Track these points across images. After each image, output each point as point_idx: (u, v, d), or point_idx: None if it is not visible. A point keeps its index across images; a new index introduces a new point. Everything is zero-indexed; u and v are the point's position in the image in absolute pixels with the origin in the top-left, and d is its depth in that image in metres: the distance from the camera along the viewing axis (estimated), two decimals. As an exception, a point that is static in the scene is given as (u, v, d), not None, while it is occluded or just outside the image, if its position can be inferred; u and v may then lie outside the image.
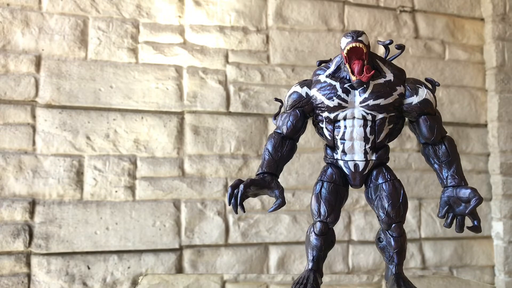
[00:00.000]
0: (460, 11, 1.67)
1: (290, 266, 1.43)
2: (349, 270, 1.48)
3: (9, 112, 1.27)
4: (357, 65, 0.64)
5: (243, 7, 1.48)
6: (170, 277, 1.12)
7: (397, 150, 1.54)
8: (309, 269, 0.69)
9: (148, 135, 1.36)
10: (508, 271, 1.56)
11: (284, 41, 1.50)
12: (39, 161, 1.28)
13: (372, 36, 1.56)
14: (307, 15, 1.53)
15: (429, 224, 1.55)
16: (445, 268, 1.56)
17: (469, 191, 0.64)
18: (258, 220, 1.41)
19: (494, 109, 1.62)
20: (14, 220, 1.24)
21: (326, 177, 0.70)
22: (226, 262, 1.38)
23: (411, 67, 1.59)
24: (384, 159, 0.70)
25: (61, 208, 1.28)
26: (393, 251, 0.69)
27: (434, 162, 0.69)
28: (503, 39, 1.64)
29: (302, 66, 1.50)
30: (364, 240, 1.49)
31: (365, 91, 0.66)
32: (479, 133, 1.64)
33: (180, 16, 1.43)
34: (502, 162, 1.58)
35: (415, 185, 1.55)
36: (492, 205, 1.61)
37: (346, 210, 1.48)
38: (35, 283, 1.24)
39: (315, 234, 0.69)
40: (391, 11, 1.61)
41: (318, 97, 0.68)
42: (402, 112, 0.68)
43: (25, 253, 1.24)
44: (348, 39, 0.64)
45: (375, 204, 0.69)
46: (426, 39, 1.62)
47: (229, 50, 1.45)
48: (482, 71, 1.67)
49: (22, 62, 1.29)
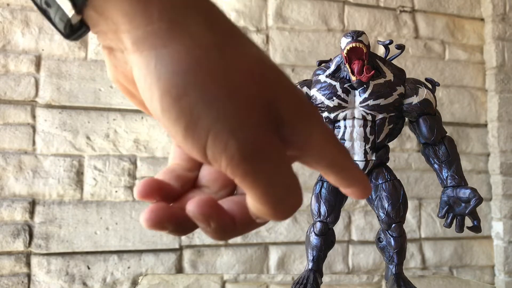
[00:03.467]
0: (460, 11, 1.67)
1: (290, 266, 1.43)
2: (349, 270, 1.48)
3: (9, 112, 1.27)
4: (357, 65, 0.64)
5: (243, 7, 1.48)
6: (170, 277, 1.12)
7: (397, 150, 1.54)
8: (309, 269, 0.69)
9: (148, 135, 1.36)
10: (508, 271, 1.56)
11: (284, 41, 1.50)
12: (39, 161, 1.28)
13: (372, 36, 1.56)
14: (307, 15, 1.53)
15: (429, 224, 1.55)
16: (445, 268, 1.56)
17: (469, 191, 0.64)
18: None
19: (494, 109, 1.62)
20: (14, 220, 1.24)
21: (326, 177, 0.70)
22: (226, 262, 1.38)
23: (411, 67, 1.59)
24: (384, 159, 0.70)
25: (61, 208, 1.28)
26: (393, 251, 0.69)
27: (434, 162, 0.69)
28: (503, 39, 1.64)
29: (302, 66, 1.50)
30: (364, 240, 1.49)
31: (365, 91, 0.66)
32: (479, 133, 1.64)
33: (180, 16, 1.43)
34: (502, 162, 1.58)
35: (415, 185, 1.55)
36: (492, 205, 1.61)
37: (346, 210, 1.48)
38: (35, 283, 1.24)
39: (315, 234, 0.69)
40: (391, 11, 1.61)
41: (318, 97, 0.68)
42: (402, 112, 0.69)
43: (25, 253, 1.24)
44: (348, 39, 0.64)
45: (375, 204, 0.69)
46: (426, 39, 1.62)
47: (229, 50, 1.45)
48: (482, 71, 1.67)
49: (22, 62, 1.29)
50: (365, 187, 0.27)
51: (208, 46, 0.21)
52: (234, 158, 0.20)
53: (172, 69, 0.20)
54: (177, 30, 0.20)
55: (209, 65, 0.20)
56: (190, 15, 0.21)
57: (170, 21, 0.20)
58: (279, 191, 0.22)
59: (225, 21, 0.22)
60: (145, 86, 0.21)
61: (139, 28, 0.20)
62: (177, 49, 0.20)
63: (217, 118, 0.20)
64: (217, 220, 0.22)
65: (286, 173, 0.22)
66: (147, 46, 0.20)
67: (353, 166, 0.26)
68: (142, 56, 0.20)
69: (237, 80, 0.21)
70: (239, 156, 0.20)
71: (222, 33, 0.21)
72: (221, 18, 0.22)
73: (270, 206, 0.22)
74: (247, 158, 0.20)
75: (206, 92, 0.20)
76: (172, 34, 0.20)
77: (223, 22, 0.22)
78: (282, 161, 0.22)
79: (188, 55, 0.20)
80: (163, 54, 0.20)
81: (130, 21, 0.20)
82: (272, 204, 0.22)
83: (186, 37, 0.20)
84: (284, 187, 0.22)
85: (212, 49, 0.21)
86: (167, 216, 0.23)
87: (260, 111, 0.21)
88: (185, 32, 0.20)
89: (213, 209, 0.22)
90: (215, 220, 0.22)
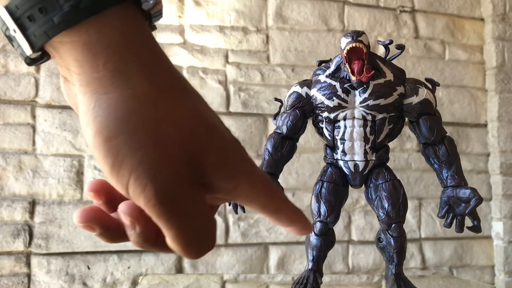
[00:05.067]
0: (460, 11, 1.67)
1: (290, 266, 1.43)
2: (349, 270, 1.48)
3: (9, 112, 1.27)
4: (357, 65, 0.64)
5: (243, 7, 1.48)
6: (170, 277, 1.12)
7: (397, 150, 1.54)
8: (309, 269, 0.69)
9: (148, 135, 1.36)
10: (508, 271, 1.56)
11: (284, 41, 1.50)
12: (39, 161, 1.28)
13: (372, 36, 1.55)
14: (307, 15, 1.53)
15: (429, 224, 1.55)
16: (445, 268, 1.56)
17: (469, 191, 0.64)
18: (258, 220, 1.41)
19: (494, 109, 1.62)
20: (14, 220, 1.24)
21: (326, 177, 0.70)
22: (226, 262, 1.38)
23: (411, 67, 1.59)
24: (384, 159, 0.70)
25: (61, 208, 1.28)
26: (393, 251, 0.69)
27: (434, 162, 0.69)
28: (503, 39, 1.64)
29: (302, 66, 1.50)
30: (364, 240, 1.49)
31: (365, 91, 0.66)
32: (479, 133, 1.64)
33: (180, 16, 1.43)
34: (502, 162, 1.58)
35: (415, 185, 1.55)
36: (492, 205, 1.61)
37: (346, 210, 1.48)
38: (35, 283, 1.24)
39: (315, 234, 0.69)
40: (391, 11, 1.61)
41: (318, 97, 0.68)
42: (402, 112, 0.68)
43: (25, 253, 1.24)
44: (348, 39, 0.64)
45: (375, 204, 0.69)
46: (426, 39, 1.62)
47: (229, 50, 1.45)
48: (482, 71, 1.67)
49: (22, 62, 1.29)
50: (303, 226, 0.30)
51: (144, 97, 0.23)
52: (151, 201, 0.22)
53: (107, 113, 0.22)
54: (118, 80, 0.23)
55: (141, 115, 0.23)
56: (133, 67, 0.23)
57: (113, 71, 0.23)
58: (191, 235, 0.24)
59: (167, 74, 0.25)
60: (83, 122, 0.23)
61: (86, 74, 0.23)
62: (115, 96, 0.23)
63: (139, 163, 0.22)
64: (143, 225, 0.24)
65: (200, 219, 0.25)
66: (90, 89, 0.23)
67: (288, 207, 0.29)
68: (85, 97, 0.23)
69: (164, 132, 0.23)
70: (155, 200, 0.22)
71: (160, 86, 0.24)
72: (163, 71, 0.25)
73: (181, 247, 0.24)
74: (162, 202, 0.22)
75: (133, 139, 0.22)
76: (113, 83, 0.23)
77: (165, 76, 0.25)
78: (198, 209, 0.24)
79: (124, 103, 0.23)
80: (102, 99, 0.23)
81: (79, 66, 0.23)
82: (183, 245, 0.24)
83: (125, 87, 0.23)
84: (197, 232, 0.24)
85: (147, 101, 0.23)
86: (96, 218, 0.25)
87: (181, 162, 0.23)
88: (126, 82, 0.23)
89: (142, 215, 0.24)
90: (141, 225, 0.24)
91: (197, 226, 0.24)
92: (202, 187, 0.25)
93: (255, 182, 0.27)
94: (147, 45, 0.25)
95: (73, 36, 0.22)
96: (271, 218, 0.29)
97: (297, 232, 0.30)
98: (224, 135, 0.26)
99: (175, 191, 0.23)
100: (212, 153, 0.25)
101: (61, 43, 0.23)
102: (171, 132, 0.23)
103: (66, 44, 0.22)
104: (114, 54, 0.23)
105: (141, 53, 0.24)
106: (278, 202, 0.28)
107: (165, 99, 0.24)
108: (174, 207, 0.23)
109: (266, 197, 0.28)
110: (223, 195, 0.27)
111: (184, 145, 0.23)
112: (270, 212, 0.29)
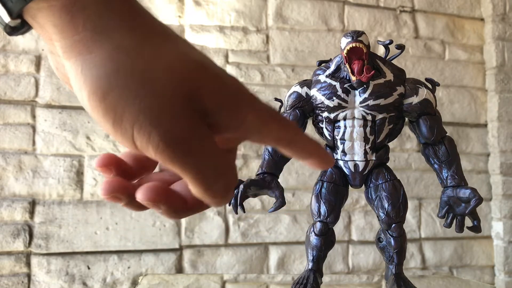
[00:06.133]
0: (460, 11, 1.67)
1: (290, 266, 1.43)
2: (349, 270, 1.48)
3: (9, 112, 1.27)
4: (357, 65, 0.64)
5: (243, 7, 1.48)
6: (170, 277, 1.12)
7: (397, 150, 1.54)
8: (309, 269, 0.69)
9: (148, 135, 1.36)
10: (508, 271, 1.56)
11: (284, 41, 1.50)
12: (39, 161, 1.28)
13: (372, 36, 1.56)
14: (307, 15, 1.53)
15: (429, 224, 1.55)
16: (445, 268, 1.56)
17: (469, 191, 0.64)
18: (258, 220, 1.41)
19: (494, 109, 1.62)
20: (14, 220, 1.24)
21: (326, 177, 0.70)
22: (226, 262, 1.38)
23: (411, 67, 1.59)
24: (384, 159, 0.70)
25: (61, 208, 1.28)
26: (393, 251, 0.69)
27: (434, 162, 0.69)
28: (503, 39, 1.64)
29: (302, 66, 1.50)
30: (364, 240, 1.49)
31: (365, 91, 0.66)
32: (479, 133, 1.64)
33: (180, 16, 1.43)
34: (502, 162, 1.58)
35: (415, 185, 1.55)
36: (492, 205, 1.61)
37: (346, 210, 1.48)
38: (35, 283, 1.24)
39: (315, 234, 0.69)
40: (391, 11, 1.61)
41: (318, 97, 0.68)
42: (402, 112, 0.68)
43: (25, 253, 1.24)
44: (348, 39, 0.64)
45: (375, 204, 0.69)
46: (426, 39, 1.62)
47: (229, 50, 1.45)
48: (482, 71, 1.67)
49: (22, 62, 1.29)
50: (322, 157, 0.29)
51: (129, 49, 0.23)
52: (159, 147, 0.22)
53: (96, 73, 0.22)
54: (100, 37, 0.23)
55: (129, 67, 0.23)
56: (113, 23, 0.23)
57: (93, 29, 0.23)
58: (209, 172, 0.24)
59: (148, 24, 0.25)
60: (76, 88, 0.23)
61: (67, 38, 0.23)
62: (100, 54, 0.23)
63: (138, 112, 0.22)
64: (165, 203, 0.25)
65: (213, 155, 0.24)
66: (75, 54, 0.23)
67: (303, 138, 0.28)
68: (71, 62, 0.23)
69: (155, 78, 0.23)
70: (163, 145, 0.22)
71: (141, 35, 0.24)
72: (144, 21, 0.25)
73: (202, 188, 0.24)
74: (171, 145, 0.22)
75: (127, 91, 0.22)
76: (95, 41, 0.23)
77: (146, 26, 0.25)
78: (209, 146, 0.24)
79: (110, 59, 0.23)
80: (88, 59, 0.23)
81: (59, 31, 0.23)
82: (204, 185, 0.24)
83: (108, 43, 0.23)
84: (213, 169, 0.24)
85: (133, 52, 0.23)
86: (121, 188, 0.25)
87: (180, 102, 0.23)
88: (107, 38, 0.23)
89: (160, 195, 0.24)
90: (163, 203, 0.25)
91: (212, 164, 0.24)
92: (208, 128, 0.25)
93: (261, 111, 0.26)
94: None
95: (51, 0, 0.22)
96: (288, 151, 0.28)
97: (316, 165, 0.29)
98: (217, 72, 0.25)
99: (180, 131, 0.23)
100: (210, 90, 0.24)
101: (38, 10, 0.22)
102: (163, 77, 0.23)
103: (43, 10, 0.22)
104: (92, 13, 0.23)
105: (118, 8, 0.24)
106: (291, 131, 0.27)
107: (150, 48, 0.24)
108: (184, 147, 0.23)
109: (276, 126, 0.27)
110: (232, 133, 0.26)
111: (178, 87, 0.23)
112: (285, 144, 0.28)
